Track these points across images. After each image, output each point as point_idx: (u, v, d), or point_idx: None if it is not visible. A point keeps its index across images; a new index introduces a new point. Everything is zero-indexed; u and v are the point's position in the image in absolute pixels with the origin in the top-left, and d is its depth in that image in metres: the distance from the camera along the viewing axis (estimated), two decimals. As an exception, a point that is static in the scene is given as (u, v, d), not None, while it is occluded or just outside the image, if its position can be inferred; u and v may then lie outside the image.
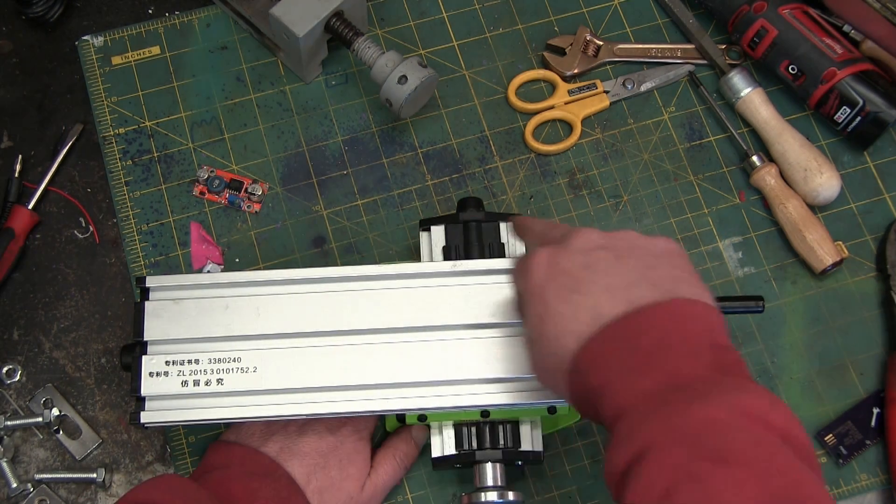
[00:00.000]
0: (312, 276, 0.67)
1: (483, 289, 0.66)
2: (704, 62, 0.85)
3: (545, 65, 0.84)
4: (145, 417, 0.64)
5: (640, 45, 0.85)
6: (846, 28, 0.82)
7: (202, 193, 0.79)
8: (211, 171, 0.79)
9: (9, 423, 0.72)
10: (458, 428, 0.68)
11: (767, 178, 0.79)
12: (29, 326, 0.76)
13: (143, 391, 0.64)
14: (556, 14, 0.86)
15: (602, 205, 0.81)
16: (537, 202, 0.80)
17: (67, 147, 0.80)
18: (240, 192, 0.79)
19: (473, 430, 0.68)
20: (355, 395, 0.64)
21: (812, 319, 0.78)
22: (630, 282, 0.53)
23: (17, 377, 0.74)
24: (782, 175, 0.80)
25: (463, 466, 0.70)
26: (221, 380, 0.64)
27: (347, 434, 0.68)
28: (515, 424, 0.68)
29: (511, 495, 0.67)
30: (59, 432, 0.73)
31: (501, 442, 0.67)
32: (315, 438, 0.67)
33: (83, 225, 0.79)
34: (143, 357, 0.64)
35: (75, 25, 0.84)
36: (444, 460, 0.68)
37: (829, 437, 0.74)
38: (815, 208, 0.80)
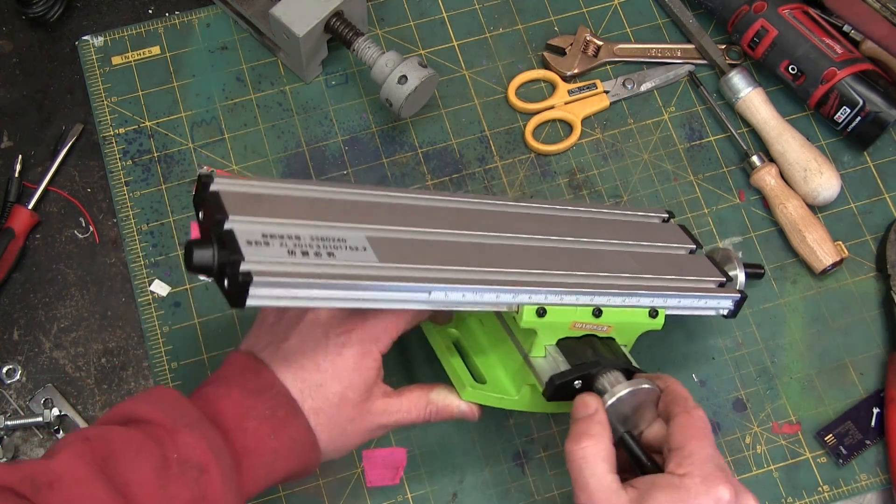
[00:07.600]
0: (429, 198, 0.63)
1: None
2: (704, 62, 0.85)
3: (545, 65, 0.84)
4: (254, 292, 0.48)
5: (640, 45, 0.85)
6: (846, 28, 0.82)
7: (202, 193, 0.79)
8: (211, 171, 0.79)
9: (9, 423, 0.72)
10: (562, 343, 0.60)
11: (767, 178, 0.79)
12: (29, 326, 0.76)
13: (246, 256, 0.48)
14: (556, 14, 0.86)
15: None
16: (537, 202, 0.81)
17: (67, 147, 0.80)
18: (240, 192, 0.79)
19: (584, 346, 0.60)
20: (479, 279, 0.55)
21: (812, 319, 0.78)
22: None
23: (17, 377, 0.74)
24: (782, 175, 0.80)
25: (583, 386, 0.60)
26: (332, 253, 0.52)
27: (351, 346, 0.58)
28: (614, 342, 0.62)
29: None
30: (59, 432, 0.73)
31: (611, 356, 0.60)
32: (311, 345, 0.58)
33: (83, 225, 0.79)
34: (234, 225, 0.50)
35: (75, 25, 0.84)
36: (563, 383, 0.58)
37: (829, 437, 0.74)
38: (815, 208, 0.80)
